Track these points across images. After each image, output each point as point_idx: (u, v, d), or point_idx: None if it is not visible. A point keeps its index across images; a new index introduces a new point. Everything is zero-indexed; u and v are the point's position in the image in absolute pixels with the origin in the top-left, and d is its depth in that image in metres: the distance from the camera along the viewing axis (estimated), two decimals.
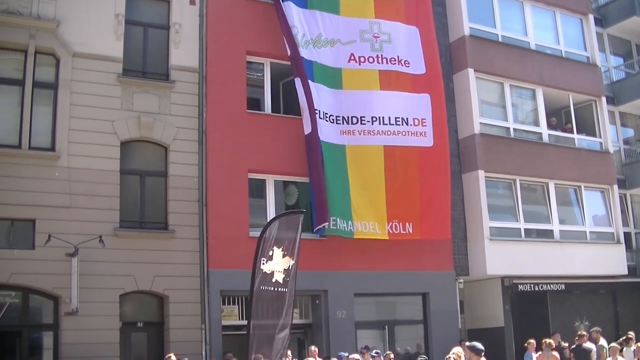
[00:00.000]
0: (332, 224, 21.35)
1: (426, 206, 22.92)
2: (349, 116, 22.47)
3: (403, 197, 22.60)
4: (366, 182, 22.32)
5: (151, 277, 19.45)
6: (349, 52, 22.84)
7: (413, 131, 23.24)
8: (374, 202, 22.28)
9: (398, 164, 22.76)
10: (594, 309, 28.40)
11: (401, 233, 22.44)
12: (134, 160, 20.44)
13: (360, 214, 21.94)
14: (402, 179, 22.72)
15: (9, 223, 18.64)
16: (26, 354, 18.80)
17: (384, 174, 22.56)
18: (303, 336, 22.58)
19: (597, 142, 29.63)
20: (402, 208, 22.51)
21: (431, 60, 24.30)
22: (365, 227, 21.94)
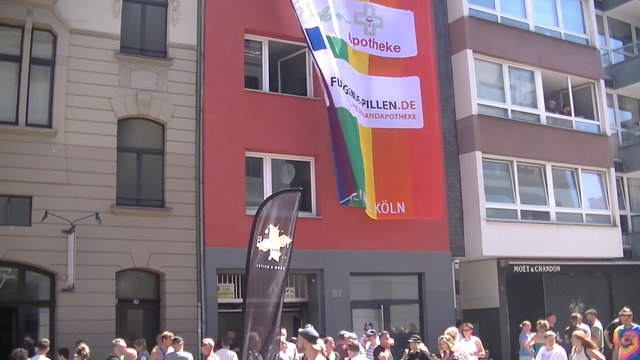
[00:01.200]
0: (356, 196, 21.26)
1: (418, 187, 22.79)
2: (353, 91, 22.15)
3: (393, 178, 22.51)
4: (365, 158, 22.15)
5: (147, 254, 19.50)
6: (347, 32, 22.72)
7: (401, 114, 23.09)
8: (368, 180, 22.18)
9: (386, 146, 22.61)
10: (589, 291, 28.46)
11: (391, 213, 22.41)
12: (131, 137, 20.43)
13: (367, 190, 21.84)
14: (391, 160, 22.62)
15: (5, 199, 18.68)
16: (22, 330, 18.83)
17: (372, 155, 22.40)
18: (299, 315, 22.62)
19: (594, 125, 29.62)
20: (392, 189, 22.43)
21: (424, 43, 24.10)
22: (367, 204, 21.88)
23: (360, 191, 21.29)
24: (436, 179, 23.47)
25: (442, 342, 15.56)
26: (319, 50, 21.32)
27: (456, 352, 15.90)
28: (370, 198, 22.09)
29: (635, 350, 15.42)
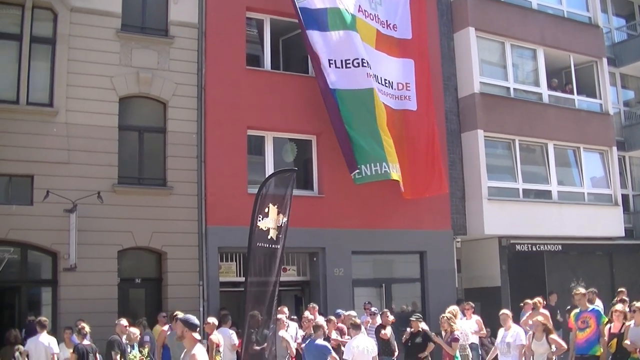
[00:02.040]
0: (358, 173, 21.25)
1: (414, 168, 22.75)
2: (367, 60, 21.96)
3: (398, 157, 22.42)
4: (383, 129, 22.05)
5: (149, 233, 19.51)
6: (358, 4, 22.58)
7: (397, 95, 23.08)
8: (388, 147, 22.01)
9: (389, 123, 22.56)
10: (591, 270, 28.48)
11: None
12: (132, 116, 20.40)
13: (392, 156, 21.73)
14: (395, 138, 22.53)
15: (7, 179, 18.67)
16: (25, 310, 18.90)
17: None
18: (300, 293, 22.70)
19: (597, 104, 29.53)
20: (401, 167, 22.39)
21: (419, 26, 23.98)
22: (397, 170, 21.77)
23: (364, 165, 21.26)
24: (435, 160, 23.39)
25: (443, 320, 15.57)
26: (314, 31, 21.42)
27: (457, 331, 15.97)
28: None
29: (593, 333, 14.61)
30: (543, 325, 14.30)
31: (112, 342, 15.54)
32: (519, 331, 15.06)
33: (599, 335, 14.53)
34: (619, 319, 14.46)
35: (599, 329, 14.54)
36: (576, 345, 14.85)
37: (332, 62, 21.47)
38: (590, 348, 14.49)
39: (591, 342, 14.52)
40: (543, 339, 14.32)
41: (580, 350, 14.65)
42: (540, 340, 14.38)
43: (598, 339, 14.52)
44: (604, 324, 14.62)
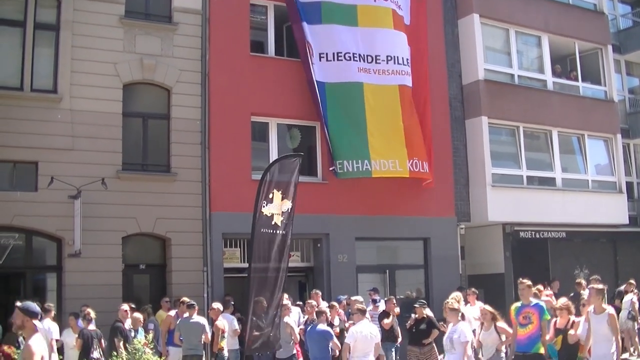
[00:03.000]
0: (339, 167, 21.39)
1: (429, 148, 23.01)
2: (365, 54, 22.24)
3: (417, 137, 22.65)
4: (383, 120, 22.17)
5: (153, 219, 19.56)
6: None
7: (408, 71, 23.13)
8: (393, 140, 22.20)
9: (411, 104, 22.71)
10: (594, 258, 28.53)
11: (420, 171, 22.52)
12: (136, 102, 20.41)
13: (378, 153, 21.84)
14: (414, 119, 22.71)
15: (11, 165, 18.72)
16: (30, 295, 18.87)
17: (401, 113, 22.47)
18: (304, 279, 22.76)
19: (601, 91, 29.51)
20: (418, 147, 22.58)
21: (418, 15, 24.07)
22: (383, 166, 21.85)
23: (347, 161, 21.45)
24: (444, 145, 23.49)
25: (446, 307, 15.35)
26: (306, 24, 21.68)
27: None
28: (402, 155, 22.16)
29: (535, 329, 13.27)
30: (491, 314, 13.79)
31: (114, 329, 15.65)
32: (465, 327, 13.84)
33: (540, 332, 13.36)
34: (564, 315, 13.81)
35: (541, 325, 13.34)
36: (517, 342, 13.47)
37: (322, 56, 21.76)
38: (533, 345, 13.29)
39: (533, 340, 13.31)
40: (491, 329, 13.96)
41: (522, 347, 13.38)
42: (488, 330, 14.03)
43: (540, 336, 13.37)
44: (547, 320, 13.58)
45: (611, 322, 12.03)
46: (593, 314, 12.22)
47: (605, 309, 12.19)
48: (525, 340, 13.31)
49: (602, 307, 12.25)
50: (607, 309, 12.21)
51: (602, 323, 12.03)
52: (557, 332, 13.75)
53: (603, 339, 11.99)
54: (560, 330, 13.69)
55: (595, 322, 12.15)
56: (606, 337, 12.00)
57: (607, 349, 11.96)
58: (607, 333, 12.02)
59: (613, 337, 12.02)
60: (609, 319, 12.03)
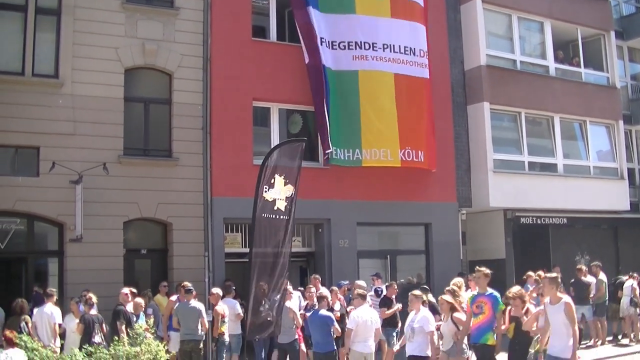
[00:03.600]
0: (334, 154, 21.45)
1: (430, 136, 22.95)
2: (362, 42, 22.27)
3: (413, 125, 22.62)
4: (377, 108, 22.24)
5: (155, 204, 19.58)
6: None
7: (419, 62, 23.10)
8: (385, 129, 22.25)
9: (407, 93, 22.69)
10: (595, 244, 28.56)
11: (413, 161, 22.53)
12: (138, 87, 20.38)
13: (370, 142, 21.94)
14: (411, 107, 22.68)
15: (13, 150, 18.76)
16: (32, 280, 19.02)
17: (395, 101, 22.47)
18: (305, 264, 22.82)
19: (604, 77, 29.46)
20: (413, 136, 22.55)
21: None
22: (374, 155, 21.93)
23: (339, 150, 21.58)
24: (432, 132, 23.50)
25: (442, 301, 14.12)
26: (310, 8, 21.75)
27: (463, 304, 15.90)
28: (394, 145, 22.24)
29: (487, 319, 12.90)
30: (448, 304, 13.21)
31: (117, 312, 15.65)
32: (428, 316, 13.57)
33: (493, 323, 12.93)
34: (517, 304, 12.92)
35: (494, 316, 12.92)
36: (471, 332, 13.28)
37: (323, 41, 21.83)
38: (481, 336, 12.92)
39: (482, 330, 12.93)
40: (449, 319, 13.55)
41: (472, 338, 13.17)
42: (447, 320, 13.66)
43: (491, 327, 12.92)
44: (501, 311, 13.08)
45: (568, 312, 11.10)
46: (549, 304, 11.41)
47: (561, 298, 11.31)
48: (475, 330, 13.04)
49: (557, 296, 11.34)
50: (564, 298, 11.32)
51: (559, 313, 11.16)
52: (511, 320, 13.11)
53: (560, 330, 11.13)
54: (514, 318, 13.00)
55: (551, 312, 11.34)
56: (564, 329, 11.10)
57: (565, 341, 11.12)
58: (564, 324, 11.12)
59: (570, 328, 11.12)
60: (566, 309, 11.12)
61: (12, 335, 13.43)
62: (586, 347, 20.91)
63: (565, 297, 11.43)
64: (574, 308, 11.22)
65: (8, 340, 13.37)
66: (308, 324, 15.00)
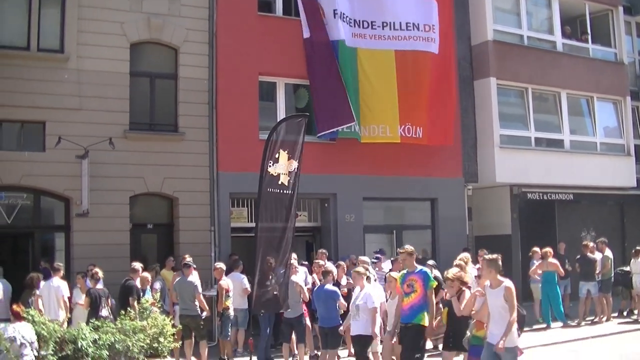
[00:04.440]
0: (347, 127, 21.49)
1: (434, 112, 22.85)
2: (361, 20, 22.23)
3: (414, 101, 22.51)
4: (376, 86, 22.19)
5: (161, 179, 19.61)
6: None
7: (424, 37, 22.97)
8: (385, 105, 22.20)
9: (409, 68, 22.58)
10: (601, 220, 28.51)
11: (412, 137, 22.44)
12: (143, 62, 20.35)
13: (368, 119, 21.90)
14: (413, 83, 22.56)
15: (19, 125, 18.79)
16: (38, 255, 19.10)
17: (395, 77, 22.39)
18: (311, 239, 22.86)
19: (611, 53, 29.26)
20: (413, 112, 22.45)
21: None
22: (373, 132, 21.90)
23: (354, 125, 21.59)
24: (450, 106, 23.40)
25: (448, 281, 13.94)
26: None
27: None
28: (393, 121, 22.18)
29: (418, 298, 12.17)
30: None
31: (130, 287, 15.76)
32: (372, 292, 13.17)
33: (425, 301, 12.24)
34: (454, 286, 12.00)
35: (426, 294, 12.24)
36: (401, 312, 12.53)
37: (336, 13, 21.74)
38: (414, 316, 12.17)
39: (415, 310, 12.18)
40: (396, 297, 13.02)
41: (404, 318, 12.37)
42: (394, 298, 13.30)
43: (424, 306, 12.23)
44: (432, 288, 12.44)
45: (508, 297, 10.31)
46: (489, 288, 10.66)
47: (501, 282, 10.50)
48: (407, 310, 12.29)
49: (497, 279, 10.55)
50: (504, 282, 10.49)
51: (499, 298, 10.40)
52: (444, 304, 12.51)
53: (500, 316, 10.33)
54: (448, 302, 12.22)
55: (491, 297, 10.60)
56: (504, 315, 10.31)
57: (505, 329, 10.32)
58: (504, 309, 10.35)
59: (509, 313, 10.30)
60: (506, 294, 10.33)
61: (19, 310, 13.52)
62: (591, 322, 20.97)
63: (506, 282, 10.59)
64: (514, 293, 10.40)
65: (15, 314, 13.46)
66: (314, 298, 15.00)
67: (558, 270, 20.37)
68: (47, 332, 13.13)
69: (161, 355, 14.19)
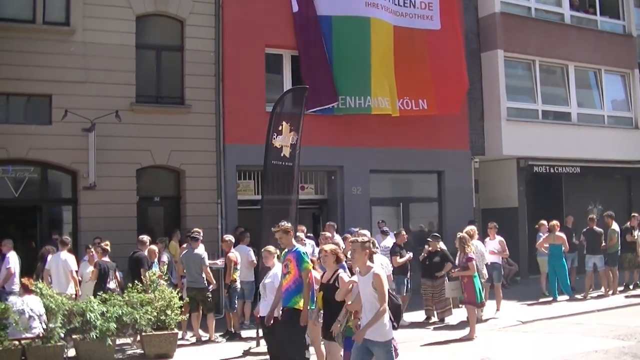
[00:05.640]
0: (342, 104, 21.39)
1: (441, 84, 22.70)
2: None
3: (414, 75, 22.41)
4: (382, 57, 22.10)
5: (167, 151, 19.60)
6: None
7: (420, 14, 22.91)
8: (387, 78, 22.14)
9: (406, 44, 22.47)
10: (608, 194, 28.48)
11: (413, 109, 22.38)
12: (149, 34, 20.30)
13: (378, 90, 21.79)
14: (411, 58, 22.47)
15: (25, 98, 18.84)
16: (46, 228, 19.17)
17: (392, 52, 22.29)
18: (318, 212, 22.81)
19: (620, 25, 29.08)
20: (413, 86, 22.36)
21: None
22: (381, 103, 21.82)
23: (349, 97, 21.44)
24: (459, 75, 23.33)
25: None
26: None
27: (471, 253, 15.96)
28: (393, 94, 22.06)
29: (293, 280, 11.10)
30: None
31: (140, 259, 15.88)
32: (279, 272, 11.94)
33: (300, 283, 11.04)
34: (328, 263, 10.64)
35: (300, 276, 11.04)
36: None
37: None
38: (289, 299, 11.17)
39: (291, 292, 11.15)
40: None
41: (282, 301, 11.40)
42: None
43: (299, 288, 11.06)
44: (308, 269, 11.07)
45: (377, 285, 9.05)
46: (359, 275, 9.44)
47: (371, 267, 9.26)
48: (284, 292, 11.32)
49: (367, 265, 9.30)
50: (374, 268, 9.25)
51: (368, 285, 9.17)
52: (321, 287, 10.84)
53: (372, 306, 9.09)
54: (324, 285, 10.70)
55: (361, 285, 9.40)
56: (375, 304, 9.07)
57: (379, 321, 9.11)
58: (375, 298, 9.10)
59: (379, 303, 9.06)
60: (375, 281, 9.07)
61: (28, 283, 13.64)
62: (597, 296, 20.98)
63: (376, 267, 9.39)
64: (384, 280, 9.13)
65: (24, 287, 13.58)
66: None
67: (564, 244, 20.37)
68: (55, 305, 13.25)
69: (168, 327, 14.28)
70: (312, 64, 21.36)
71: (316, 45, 21.42)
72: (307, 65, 21.38)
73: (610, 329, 15.77)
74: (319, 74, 21.17)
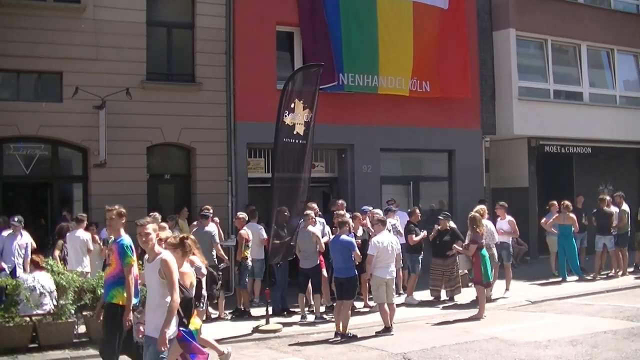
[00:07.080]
0: (351, 81, 21.31)
1: (446, 66, 22.66)
2: None
3: (426, 55, 22.40)
4: (395, 37, 22.00)
5: (178, 129, 19.60)
6: None
7: None
8: (401, 57, 22.03)
9: (424, 22, 22.42)
10: (619, 174, 28.42)
11: (418, 91, 22.36)
12: (160, 11, 20.25)
13: (387, 69, 21.73)
14: (425, 37, 22.43)
15: (36, 76, 18.84)
16: (57, 205, 19.23)
17: (412, 30, 22.22)
18: (328, 190, 22.82)
19: (633, 5, 28.98)
20: (423, 66, 22.34)
21: None
22: (390, 83, 21.76)
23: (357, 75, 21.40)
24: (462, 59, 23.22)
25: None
26: None
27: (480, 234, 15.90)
28: (407, 74, 22.06)
29: (114, 273, 9.97)
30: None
31: None
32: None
33: (121, 277, 9.86)
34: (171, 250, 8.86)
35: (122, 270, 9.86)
36: None
37: None
38: (107, 293, 10.06)
39: (109, 285, 10.06)
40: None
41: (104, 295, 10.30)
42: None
43: (120, 282, 9.87)
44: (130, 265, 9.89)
45: (165, 272, 8.20)
46: (146, 262, 8.65)
47: (159, 253, 8.46)
48: (105, 286, 10.31)
49: (154, 251, 8.51)
50: (162, 254, 8.40)
51: (154, 274, 8.34)
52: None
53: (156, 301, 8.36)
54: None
55: (147, 273, 8.62)
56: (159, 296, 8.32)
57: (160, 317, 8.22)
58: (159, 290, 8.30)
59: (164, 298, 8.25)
60: (162, 268, 8.22)
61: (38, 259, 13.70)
62: (607, 277, 20.96)
63: (165, 253, 8.50)
64: (173, 267, 8.27)
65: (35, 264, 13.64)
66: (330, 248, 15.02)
67: (574, 224, 20.34)
68: (66, 282, 13.30)
69: None
70: (313, 42, 21.29)
71: (318, 23, 21.28)
72: (309, 43, 21.35)
73: (620, 310, 15.77)
74: (320, 53, 20.94)
